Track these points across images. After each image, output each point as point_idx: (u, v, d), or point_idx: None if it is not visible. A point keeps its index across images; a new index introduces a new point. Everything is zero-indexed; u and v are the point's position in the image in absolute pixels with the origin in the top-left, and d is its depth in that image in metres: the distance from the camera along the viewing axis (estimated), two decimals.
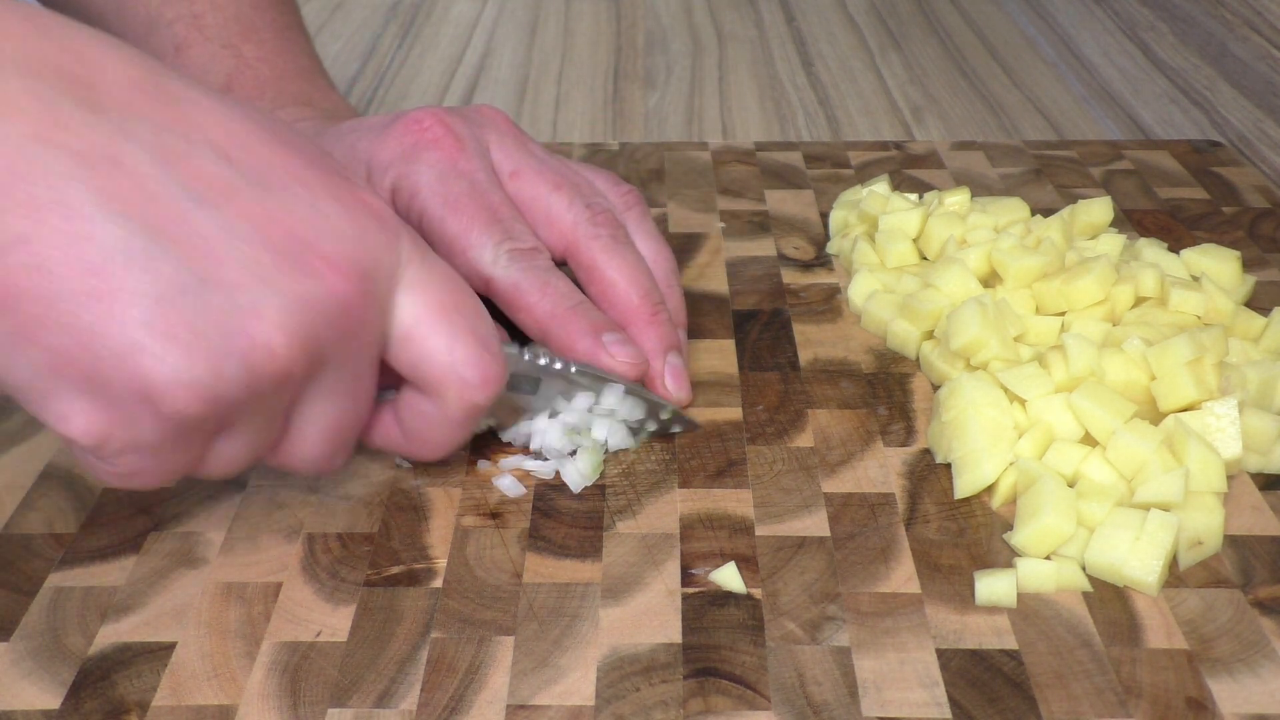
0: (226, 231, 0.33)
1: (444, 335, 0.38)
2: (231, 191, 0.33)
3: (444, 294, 0.38)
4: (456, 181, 0.46)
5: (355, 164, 0.47)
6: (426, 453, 0.41)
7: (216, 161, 0.34)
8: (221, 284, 0.32)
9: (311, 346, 0.34)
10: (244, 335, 0.33)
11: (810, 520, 0.43)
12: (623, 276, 0.47)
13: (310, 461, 0.39)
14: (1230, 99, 0.76)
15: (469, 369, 0.38)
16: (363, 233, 0.36)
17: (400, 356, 0.38)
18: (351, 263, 0.35)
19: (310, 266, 0.34)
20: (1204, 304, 0.50)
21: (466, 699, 0.36)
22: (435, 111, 0.48)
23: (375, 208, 0.37)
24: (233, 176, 0.34)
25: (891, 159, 0.71)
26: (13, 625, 0.39)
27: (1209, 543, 0.41)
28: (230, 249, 0.33)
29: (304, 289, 0.34)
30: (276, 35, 0.56)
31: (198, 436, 0.34)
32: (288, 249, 0.34)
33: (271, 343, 0.33)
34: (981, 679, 0.37)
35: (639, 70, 0.93)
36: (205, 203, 0.33)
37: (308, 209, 0.35)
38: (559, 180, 0.48)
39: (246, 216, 0.33)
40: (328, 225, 0.35)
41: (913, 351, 0.52)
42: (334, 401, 0.37)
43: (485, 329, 0.39)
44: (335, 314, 0.35)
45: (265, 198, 0.34)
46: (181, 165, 0.33)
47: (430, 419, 0.39)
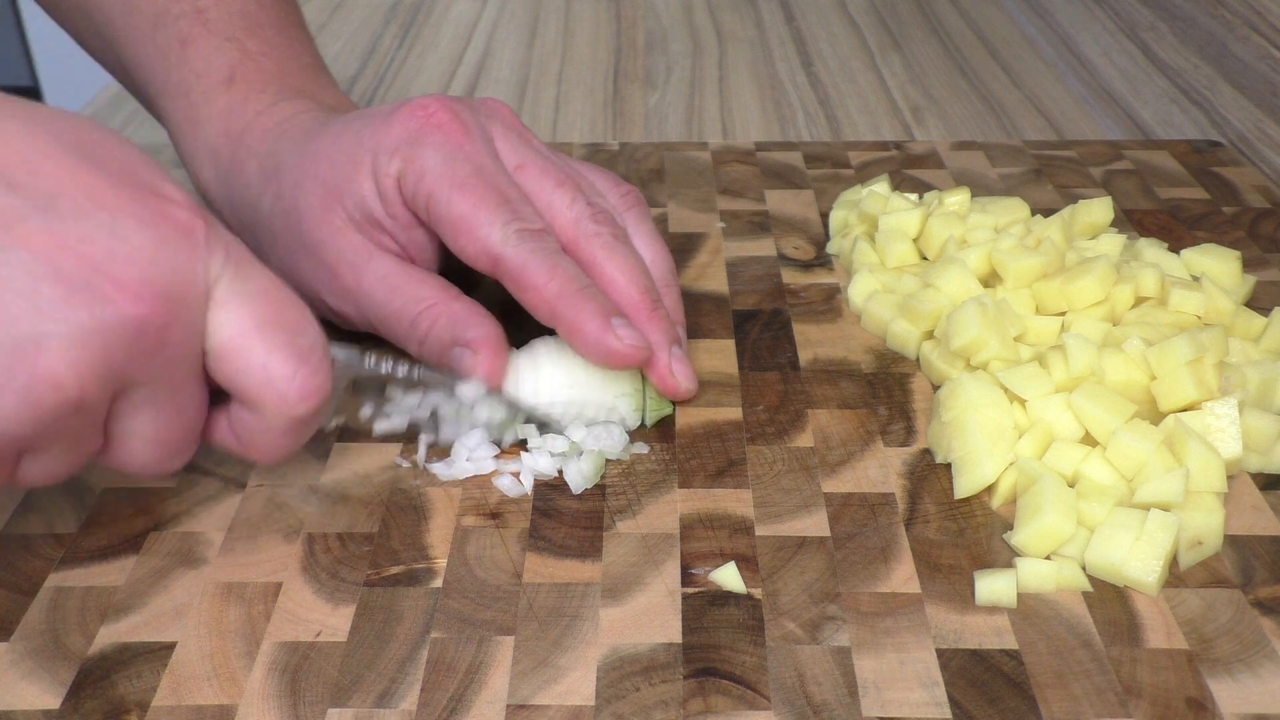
0: (5, 262, 0.32)
1: (259, 351, 0.37)
2: (13, 220, 0.32)
3: (260, 308, 0.37)
4: (463, 164, 0.46)
5: (360, 151, 0.47)
6: (261, 458, 0.40)
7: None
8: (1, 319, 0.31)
9: (106, 372, 0.33)
10: (24, 369, 0.32)
11: (810, 520, 0.43)
12: (622, 273, 0.47)
13: (144, 466, 0.38)
14: (1230, 99, 0.76)
15: (286, 384, 0.37)
16: (164, 251, 0.34)
17: (218, 371, 0.37)
18: (149, 283, 0.34)
19: (102, 292, 0.33)
20: (1204, 304, 0.50)
21: (466, 699, 0.36)
22: (440, 98, 0.48)
23: (182, 221, 0.35)
24: (15, 204, 0.32)
25: (891, 159, 0.71)
26: (13, 625, 0.39)
27: (1209, 543, 0.41)
28: (9, 280, 0.32)
29: (92, 317, 0.32)
30: (279, 32, 0.56)
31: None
32: (75, 276, 0.32)
33: (55, 375, 0.32)
34: (981, 679, 0.37)
35: (639, 70, 0.93)
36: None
37: (102, 232, 0.33)
38: (562, 177, 0.48)
39: (29, 246, 0.32)
40: (122, 246, 0.33)
41: (913, 351, 0.52)
42: (154, 413, 0.36)
43: (306, 341, 0.38)
44: (132, 337, 0.33)
45: (52, 224, 0.32)
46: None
47: (257, 429, 0.38)
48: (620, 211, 0.50)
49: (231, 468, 0.46)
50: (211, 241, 0.36)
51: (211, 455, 0.46)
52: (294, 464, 0.46)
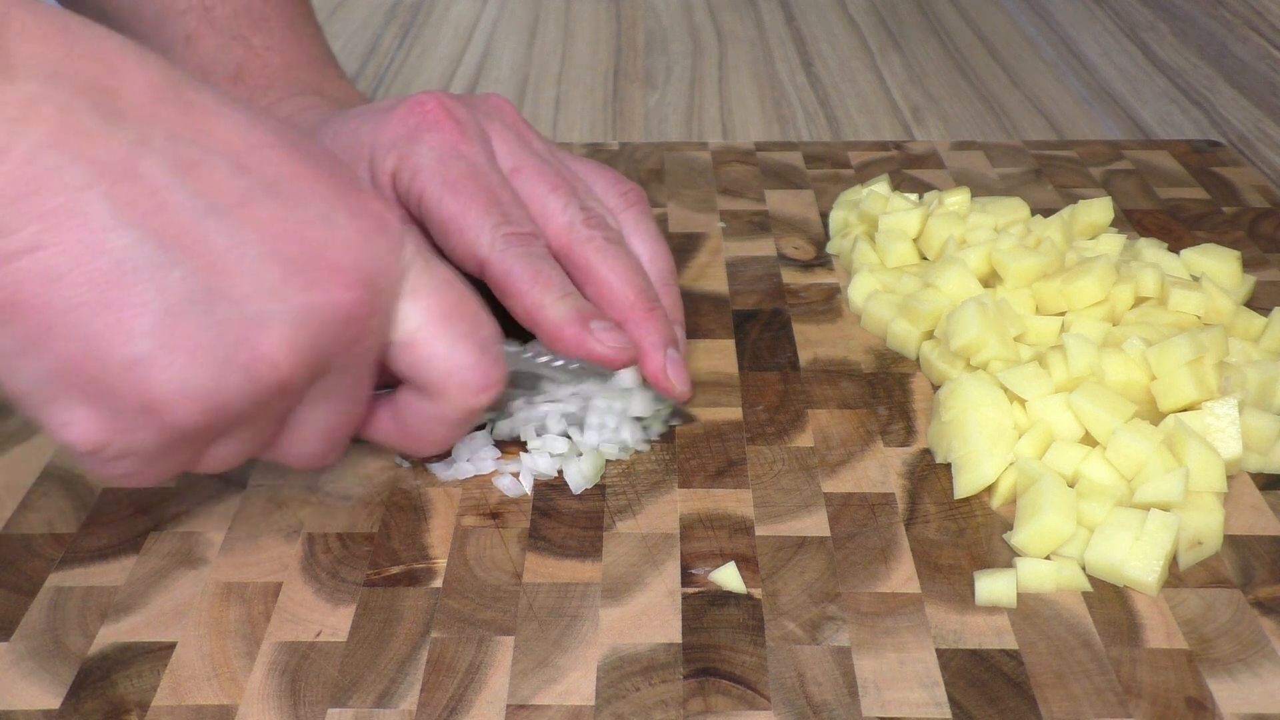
0: (236, 243, 0.33)
1: (445, 340, 0.38)
2: (244, 201, 0.34)
3: (445, 299, 0.38)
4: (456, 163, 0.46)
5: (359, 148, 0.47)
6: (423, 449, 0.42)
7: (230, 171, 0.34)
8: (229, 296, 0.33)
9: (314, 357, 0.35)
10: (248, 348, 0.33)
11: (810, 520, 0.43)
12: (617, 276, 0.47)
13: (306, 458, 0.39)
14: (1230, 99, 0.76)
15: (469, 373, 0.38)
16: (369, 241, 0.36)
17: (401, 360, 0.38)
18: (358, 272, 0.35)
19: (318, 278, 0.34)
20: (1204, 304, 0.50)
21: (466, 699, 0.36)
22: (438, 95, 0.48)
23: (381, 214, 0.37)
24: (246, 186, 0.34)
25: (891, 159, 0.71)
26: (13, 625, 0.39)
27: (1209, 543, 0.41)
28: (239, 261, 0.33)
29: (310, 300, 0.34)
30: (286, 25, 0.56)
31: (196, 442, 0.35)
32: (296, 260, 0.34)
33: (275, 355, 0.33)
34: (981, 679, 0.37)
35: (639, 70, 0.93)
36: (217, 213, 0.33)
37: (318, 219, 0.35)
38: (557, 180, 0.48)
39: (257, 227, 0.33)
40: (336, 235, 0.35)
41: (913, 351, 0.52)
42: (333, 404, 0.37)
43: (485, 332, 0.39)
44: (340, 324, 0.35)
45: (277, 208, 0.34)
46: (196, 175, 0.33)
47: (429, 419, 0.40)
48: (620, 210, 0.50)
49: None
50: (404, 235, 0.37)
51: None
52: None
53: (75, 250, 0.31)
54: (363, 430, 0.41)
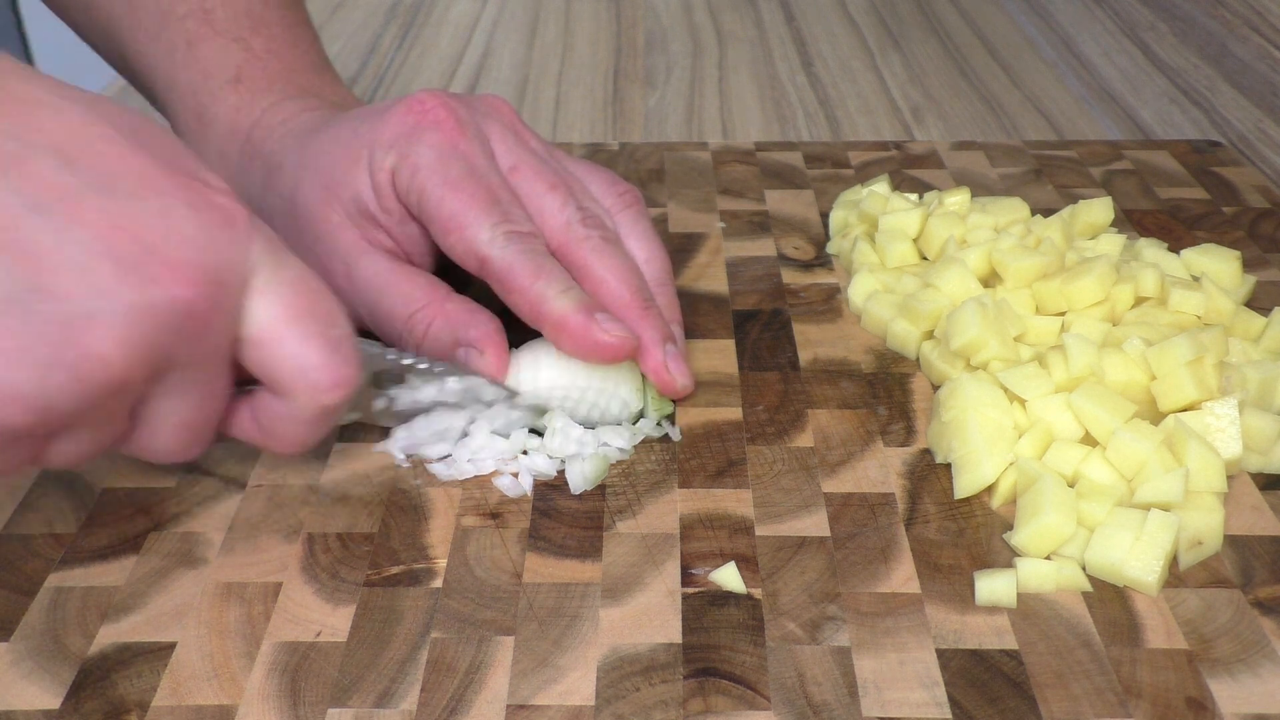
0: (63, 240, 0.32)
1: (294, 340, 0.37)
2: (71, 197, 0.32)
3: (296, 298, 0.37)
4: (456, 162, 0.46)
5: (358, 147, 0.47)
6: (282, 447, 0.40)
7: (57, 166, 0.33)
8: (55, 294, 0.32)
9: (151, 354, 0.34)
10: (75, 346, 0.32)
11: (810, 520, 0.43)
12: (613, 275, 0.47)
13: (164, 452, 0.38)
14: (1230, 99, 0.76)
15: (319, 373, 0.37)
16: (211, 236, 0.35)
17: (251, 359, 0.37)
18: (197, 268, 0.34)
19: (152, 273, 0.33)
20: (1204, 304, 0.50)
21: (466, 699, 0.36)
22: (438, 94, 0.48)
23: (226, 209, 0.36)
24: (74, 182, 0.33)
25: (891, 159, 0.71)
26: (13, 625, 0.39)
27: (1209, 543, 0.41)
28: (66, 258, 0.32)
29: (144, 297, 0.33)
30: (285, 30, 0.56)
31: (28, 441, 0.34)
32: (129, 256, 0.33)
33: (104, 353, 0.32)
34: (981, 679, 0.37)
35: (639, 70, 0.93)
36: (41, 209, 0.32)
37: (154, 214, 0.34)
38: (555, 180, 0.48)
39: (85, 223, 0.32)
40: (174, 230, 0.34)
41: (913, 351, 0.52)
42: (183, 400, 0.37)
43: (337, 332, 0.38)
44: (178, 320, 0.34)
45: (108, 203, 0.33)
46: (18, 171, 0.32)
47: (283, 418, 0.39)
48: (617, 211, 0.50)
49: (232, 467, 0.46)
50: (251, 230, 0.36)
51: (211, 455, 0.46)
52: (294, 464, 0.46)
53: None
54: (224, 427, 0.40)
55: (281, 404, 0.38)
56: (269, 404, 0.39)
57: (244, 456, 0.46)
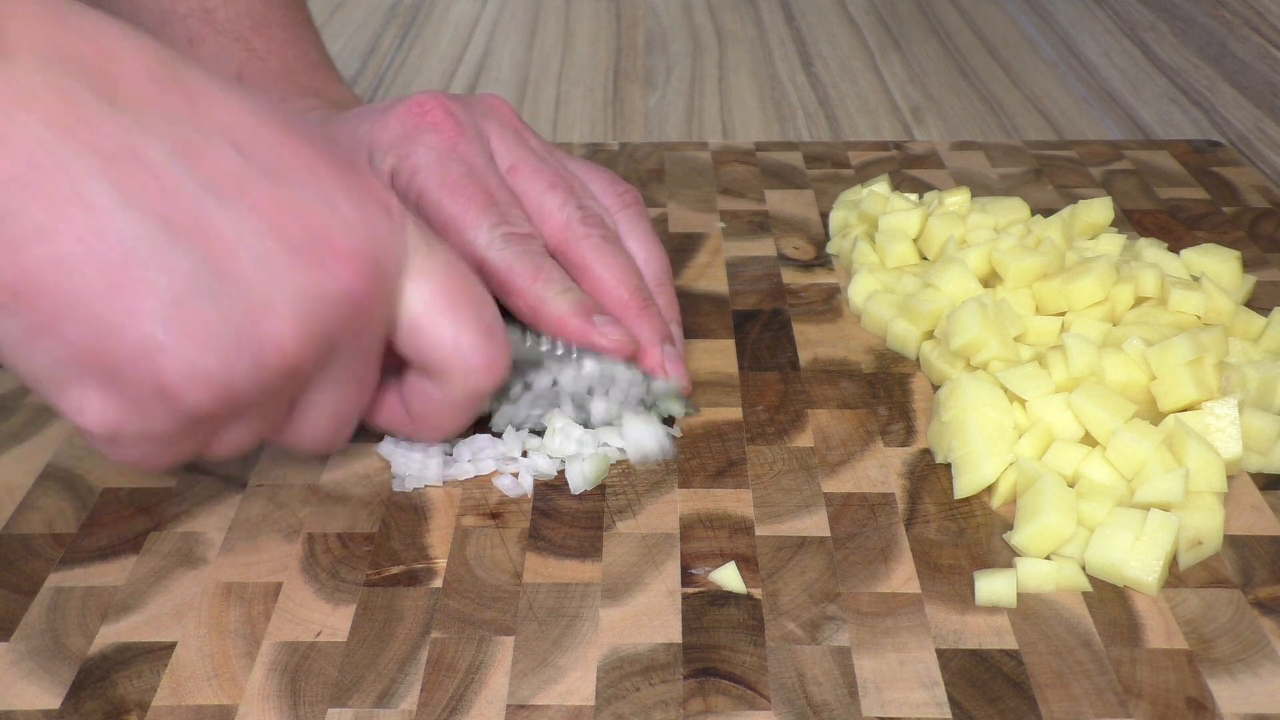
0: (240, 226, 0.33)
1: (450, 323, 0.38)
2: (246, 185, 0.33)
3: (449, 282, 0.39)
4: (455, 164, 0.47)
5: (358, 147, 0.48)
6: (431, 434, 0.42)
7: (231, 155, 0.34)
8: (236, 280, 0.33)
9: (321, 340, 0.35)
10: (257, 332, 0.33)
11: (810, 520, 0.43)
12: (612, 274, 0.47)
13: (313, 442, 0.39)
14: (1230, 99, 0.76)
15: (474, 355, 0.39)
16: (372, 224, 0.36)
17: (407, 343, 0.39)
18: (362, 255, 0.35)
19: (323, 261, 0.34)
20: (1204, 304, 0.50)
21: (466, 699, 0.36)
22: (437, 95, 0.48)
23: (383, 198, 0.37)
24: (247, 169, 0.34)
25: (891, 159, 0.71)
26: (13, 625, 0.39)
27: (1209, 543, 0.41)
28: (244, 245, 0.33)
29: (316, 284, 0.34)
30: (286, 29, 0.57)
31: (207, 426, 0.35)
32: (301, 243, 0.34)
33: (282, 340, 0.34)
34: (981, 679, 0.37)
35: (639, 70, 0.93)
36: (220, 197, 0.33)
37: (320, 202, 0.35)
38: (554, 179, 0.49)
39: (260, 211, 0.33)
40: (339, 218, 0.35)
41: (913, 351, 0.52)
42: (341, 387, 0.38)
43: (490, 316, 0.40)
44: (346, 307, 0.35)
45: (279, 191, 0.34)
46: (197, 159, 0.33)
47: (435, 402, 0.40)
48: (616, 211, 0.50)
49: (232, 467, 0.46)
50: (404, 219, 0.37)
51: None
52: (294, 464, 0.46)
53: (82, 236, 0.31)
54: (370, 416, 0.42)
55: (435, 388, 0.40)
56: (421, 388, 0.40)
57: (244, 456, 0.46)
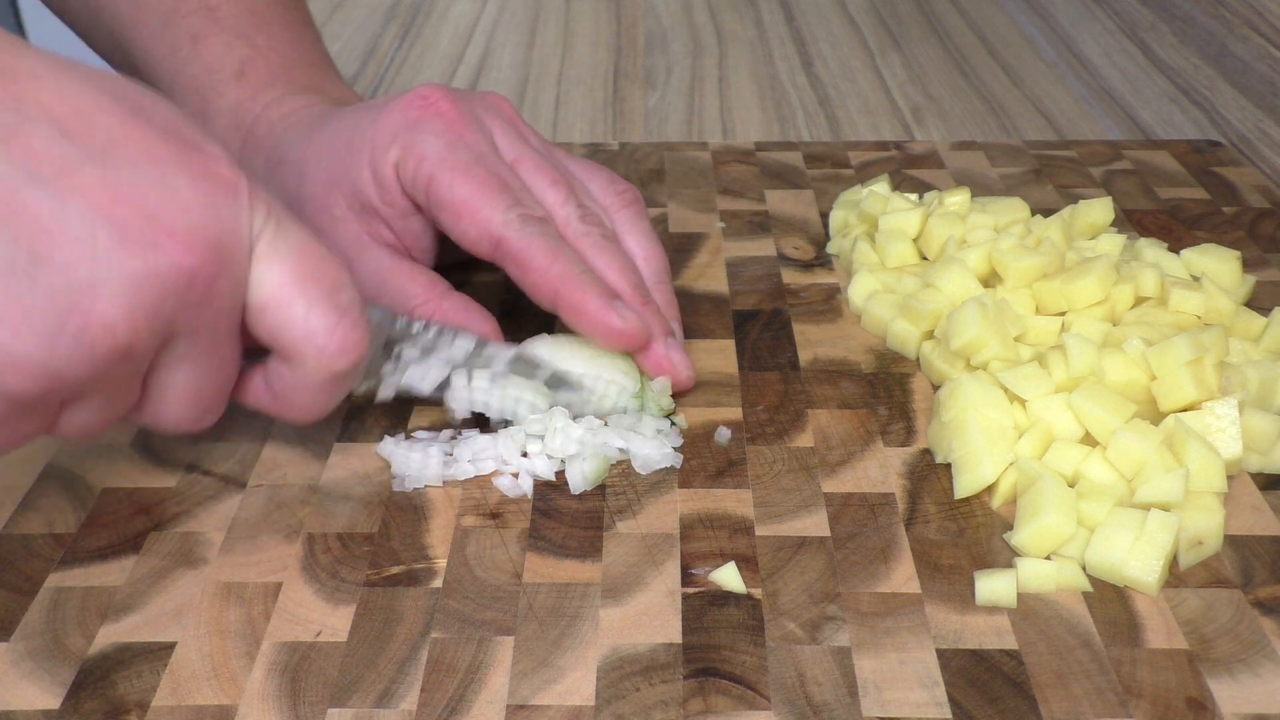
0: (61, 209, 0.32)
1: (300, 304, 0.37)
2: (69, 168, 0.33)
3: (301, 263, 0.37)
4: (463, 150, 0.47)
5: (360, 141, 0.48)
6: (296, 416, 0.41)
7: (53, 137, 0.33)
8: (55, 262, 0.32)
9: (156, 321, 0.34)
10: (78, 314, 0.32)
11: (810, 520, 0.43)
12: (612, 272, 0.48)
13: (176, 422, 0.38)
14: (1230, 99, 0.76)
15: (326, 338, 0.38)
16: (213, 203, 0.35)
17: (258, 325, 0.38)
18: (198, 234, 0.34)
19: (154, 240, 0.33)
20: (1204, 304, 0.50)
21: (466, 699, 0.36)
22: (441, 88, 0.49)
23: (228, 177, 0.36)
24: (71, 152, 0.33)
25: (891, 159, 0.71)
26: (13, 625, 0.39)
27: (1209, 543, 0.41)
28: (66, 227, 0.32)
29: (146, 264, 0.33)
30: (286, 28, 0.57)
31: (40, 410, 0.34)
32: (129, 224, 0.33)
33: (109, 320, 0.33)
34: (981, 679, 0.37)
35: (639, 70, 0.93)
36: (38, 180, 0.32)
37: (153, 182, 0.34)
38: (556, 176, 0.49)
39: (84, 193, 0.33)
40: (174, 198, 0.34)
41: (913, 351, 0.52)
42: (193, 367, 0.37)
43: (345, 296, 0.38)
44: (182, 287, 0.34)
45: (106, 173, 0.33)
46: (14, 143, 0.32)
47: (294, 384, 0.39)
48: (616, 209, 0.50)
49: (232, 467, 0.46)
50: (254, 197, 0.37)
51: (211, 455, 0.46)
52: (294, 464, 0.46)
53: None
54: (237, 395, 0.41)
55: (292, 371, 0.39)
56: (281, 371, 0.39)
57: (244, 456, 0.46)
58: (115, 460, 0.46)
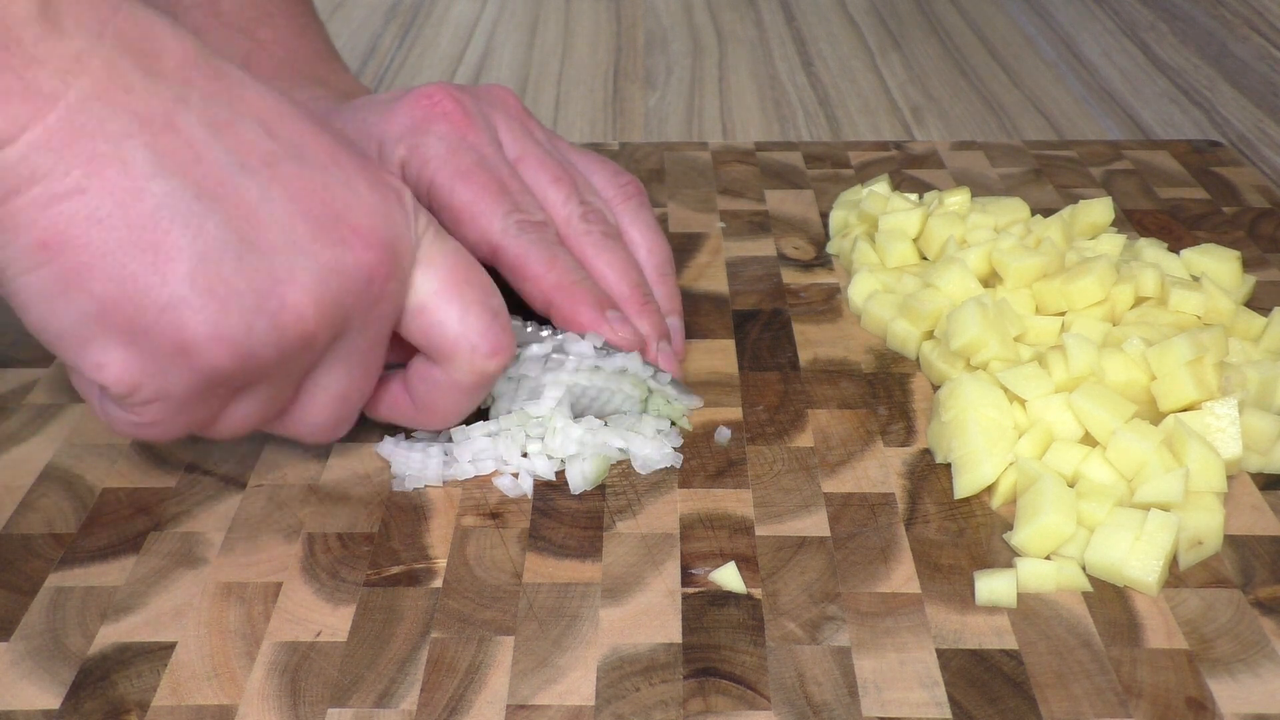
0: (267, 198, 0.35)
1: (456, 306, 0.40)
2: (273, 161, 0.35)
3: (457, 268, 0.40)
4: (466, 153, 0.47)
5: (366, 139, 0.48)
6: (434, 421, 0.43)
7: (260, 133, 0.35)
8: (260, 247, 0.34)
9: (337, 313, 0.36)
10: (277, 297, 0.35)
11: (810, 520, 0.43)
12: (613, 270, 0.48)
13: (315, 429, 0.40)
14: (1230, 99, 0.76)
15: (480, 338, 0.40)
16: (388, 208, 0.38)
17: (413, 326, 0.40)
18: (378, 236, 0.37)
19: (341, 237, 0.36)
20: (1204, 304, 0.50)
21: (466, 699, 0.36)
22: (445, 86, 0.49)
23: (396, 188, 0.39)
24: (274, 148, 0.36)
25: (891, 159, 0.71)
26: (13, 625, 0.39)
27: (1209, 543, 0.41)
28: (270, 215, 0.35)
29: (334, 258, 0.36)
30: (290, 21, 0.57)
31: (221, 392, 0.36)
32: (322, 219, 0.36)
33: (301, 307, 0.35)
34: (981, 679, 0.37)
35: (639, 70, 0.93)
36: (249, 170, 0.35)
37: (340, 184, 0.37)
38: (559, 172, 0.49)
39: (285, 185, 0.35)
40: (358, 200, 0.37)
41: (913, 351, 0.52)
42: (347, 369, 0.39)
43: (496, 302, 0.41)
44: (361, 283, 0.37)
45: (303, 170, 0.36)
46: (229, 134, 0.35)
47: (440, 387, 0.41)
48: (619, 202, 0.51)
49: (232, 467, 0.46)
50: (417, 208, 0.39)
51: (211, 455, 0.46)
52: (294, 464, 0.46)
53: (117, 195, 0.33)
54: (373, 406, 0.43)
55: (441, 372, 0.41)
56: (428, 373, 0.41)
57: (244, 456, 0.46)
58: (115, 460, 0.46)
